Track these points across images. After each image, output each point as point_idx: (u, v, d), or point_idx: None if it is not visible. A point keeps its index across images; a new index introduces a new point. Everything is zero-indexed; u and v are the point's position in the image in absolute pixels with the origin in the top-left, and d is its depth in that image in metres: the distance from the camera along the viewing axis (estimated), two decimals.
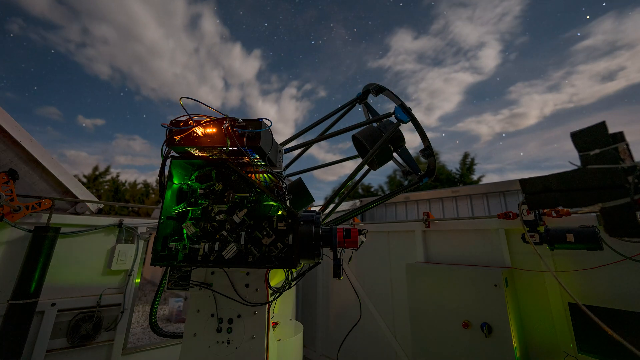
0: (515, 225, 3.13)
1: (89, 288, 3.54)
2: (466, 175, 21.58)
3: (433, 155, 2.52)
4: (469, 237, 3.54)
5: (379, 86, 2.69)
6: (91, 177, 23.86)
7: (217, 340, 1.86)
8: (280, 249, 1.77)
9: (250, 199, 1.89)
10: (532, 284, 3.00)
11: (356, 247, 1.87)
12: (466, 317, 2.91)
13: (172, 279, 2.01)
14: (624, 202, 2.16)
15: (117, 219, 3.85)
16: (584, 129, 2.41)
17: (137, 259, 3.87)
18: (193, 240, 1.80)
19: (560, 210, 2.84)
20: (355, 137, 2.70)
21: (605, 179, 2.25)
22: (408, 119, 2.39)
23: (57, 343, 3.25)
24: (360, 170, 2.39)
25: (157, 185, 1.91)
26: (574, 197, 2.45)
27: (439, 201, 6.43)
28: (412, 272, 3.50)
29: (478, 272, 2.98)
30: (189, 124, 1.74)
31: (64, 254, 3.43)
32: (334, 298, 4.93)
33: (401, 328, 3.89)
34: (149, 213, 5.01)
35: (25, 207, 3.18)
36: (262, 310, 1.93)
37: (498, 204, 5.57)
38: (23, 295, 2.93)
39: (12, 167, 3.51)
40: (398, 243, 4.21)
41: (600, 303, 2.56)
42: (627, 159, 2.18)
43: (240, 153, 1.78)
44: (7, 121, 3.66)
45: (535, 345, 2.90)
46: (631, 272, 2.49)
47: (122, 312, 3.65)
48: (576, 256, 2.77)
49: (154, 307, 3.07)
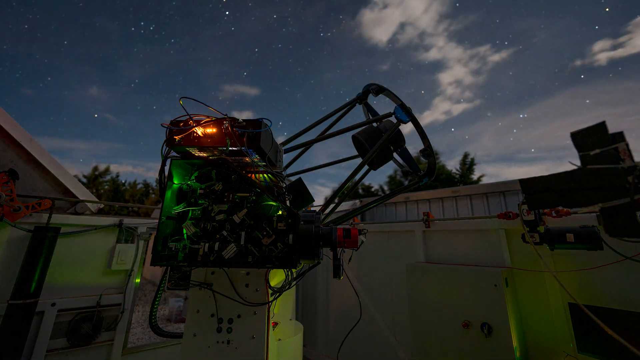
0: (515, 225, 3.13)
1: (89, 288, 3.54)
2: (466, 175, 21.58)
3: (433, 155, 2.52)
4: (469, 237, 3.54)
5: (379, 86, 2.69)
6: (91, 177, 23.88)
7: (217, 340, 1.86)
8: (280, 249, 1.77)
9: (250, 199, 1.89)
10: (532, 284, 3.00)
11: (356, 247, 1.87)
12: (466, 317, 2.91)
13: (172, 279, 2.01)
14: (624, 202, 2.16)
15: (117, 219, 3.85)
16: (584, 128, 2.41)
17: (137, 259, 3.87)
18: (193, 240, 1.80)
19: (560, 210, 2.83)
20: (355, 137, 2.70)
21: (605, 179, 2.25)
22: (408, 119, 2.39)
23: (57, 343, 3.25)
24: (360, 170, 2.39)
25: (157, 185, 1.92)
26: (574, 197, 2.45)
27: (439, 201, 6.43)
28: (412, 272, 3.49)
29: (478, 272, 2.98)
30: (189, 124, 1.74)
31: (64, 254, 3.43)
32: (334, 298, 4.93)
33: (401, 328, 3.89)
34: (149, 213, 5.01)
35: (25, 207, 3.18)
36: (262, 310, 1.93)
37: (498, 204, 5.58)
38: (23, 295, 2.93)
39: (12, 167, 3.51)
40: (398, 243, 4.21)
41: (600, 303, 2.56)
42: (627, 159, 2.18)
43: (240, 153, 1.78)
44: (7, 121, 3.66)
45: (535, 345, 2.90)
46: (631, 272, 2.49)
47: (122, 312, 3.65)
48: (576, 256, 2.77)
49: (154, 307, 3.07)
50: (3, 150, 3.62)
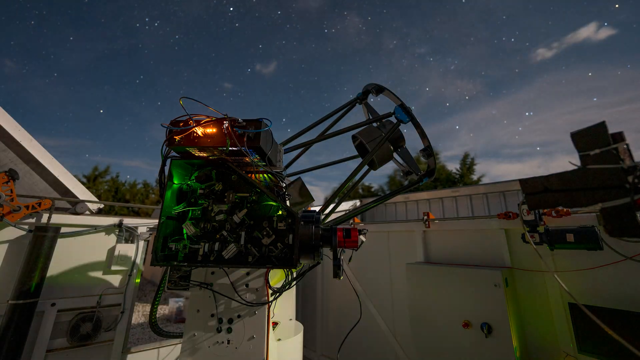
0: (515, 225, 3.13)
1: (89, 288, 3.53)
2: (466, 175, 21.56)
3: (433, 155, 2.52)
4: (469, 237, 3.54)
5: (379, 86, 2.69)
6: (91, 177, 23.85)
7: (217, 340, 1.86)
8: (280, 249, 1.77)
9: (250, 199, 1.89)
10: (532, 284, 3.00)
11: (356, 247, 1.87)
12: (466, 317, 2.91)
13: (172, 279, 2.02)
14: (624, 202, 2.16)
15: (117, 219, 3.85)
16: (584, 129, 2.41)
17: (137, 259, 3.87)
18: (193, 240, 1.80)
19: (560, 210, 2.83)
20: (355, 137, 2.70)
21: (605, 179, 2.25)
22: (408, 119, 2.39)
23: (57, 343, 3.24)
24: (360, 170, 2.39)
25: (157, 185, 1.92)
26: (574, 197, 2.45)
27: (439, 201, 6.43)
28: (412, 272, 3.49)
29: (478, 272, 2.98)
30: (189, 124, 1.74)
31: (64, 254, 3.43)
32: (334, 298, 4.93)
33: (401, 328, 3.89)
34: (149, 213, 5.01)
35: (25, 207, 3.18)
36: (262, 310, 1.93)
37: (498, 204, 5.58)
38: (23, 295, 2.92)
39: (12, 167, 3.51)
40: (398, 243, 4.21)
41: (600, 303, 2.56)
42: (627, 159, 2.18)
43: (240, 153, 1.78)
44: (7, 121, 3.66)
45: (535, 345, 2.89)
46: (631, 272, 2.49)
47: (122, 312, 3.64)
48: (576, 256, 2.77)
49: (154, 307, 3.08)
50: (3, 150, 3.62)
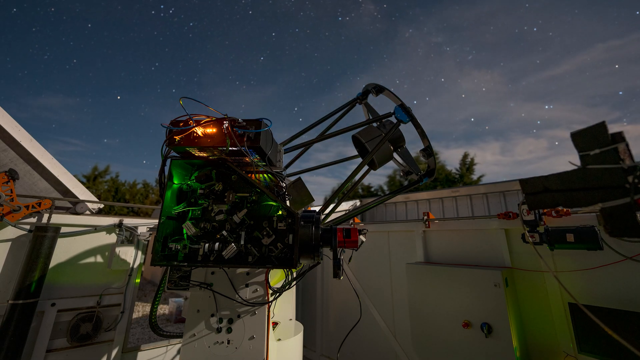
0: (515, 225, 3.13)
1: (89, 288, 3.53)
2: (466, 175, 21.56)
3: (433, 155, 2.52)
4: (469, 237, 3.54)
5: (379, 86, 2.69)
6: (91, 177, 23.83)
7: (217, 340, 1.86)
8: (280, 249, 1.77)
9: (250, 199, 1.89)
10: (532, 284, 3.00)
11: (356, 247, 1.87)
12: (466, 317, 2.91)
13: (172, 279, 2.01)
14: (624, 202, 2.16)
15: (117, 219, 3.85)
16: (584, 129, 2.41)
17: (137, 259, 3.87)
18: (193, 240, 1.80)
19: (560, 210, 2.83)
20: (355, 137, 2.70)
21: (605, 179, 2.25)
22: (408, 119, 2.39)
23: (57, 343, 3.25)
24: (360, 170, 2.39)
25: (157, 185, 1.92)
26: (574, 197, 2.45)
27: (439, 201, 6.43)
28: (412, 272, 3.49)
29: (478, 272, 2.98)
30: (189, 124, 1.74)
31: (64, 254, 3.43)
32: (334, 298, 4.93)
33: (401, 328, 3.88)
34: (149, 213, 5.01)
35: (25, 207, 3.18)
36: (262, 310, 1.93)
37: (498, 204, 5.57)
38: (23, 295, 2.92)
39: (12, 167, 3.51)
40: (398, 243, 4.21)
41: (600, 303, 2.55)
42: (627, 159, 2.18)
43: (240, 153, 1.78)
44: (7, 121, 3.66)
45: (535, 345, 2.89)
46: (631, 272, 2.49)
47: (122, 312, 3.64)
48: (576, 256, 2.77)
49: (154, 307, 3.08)
50: (3, 150, 3.62)
